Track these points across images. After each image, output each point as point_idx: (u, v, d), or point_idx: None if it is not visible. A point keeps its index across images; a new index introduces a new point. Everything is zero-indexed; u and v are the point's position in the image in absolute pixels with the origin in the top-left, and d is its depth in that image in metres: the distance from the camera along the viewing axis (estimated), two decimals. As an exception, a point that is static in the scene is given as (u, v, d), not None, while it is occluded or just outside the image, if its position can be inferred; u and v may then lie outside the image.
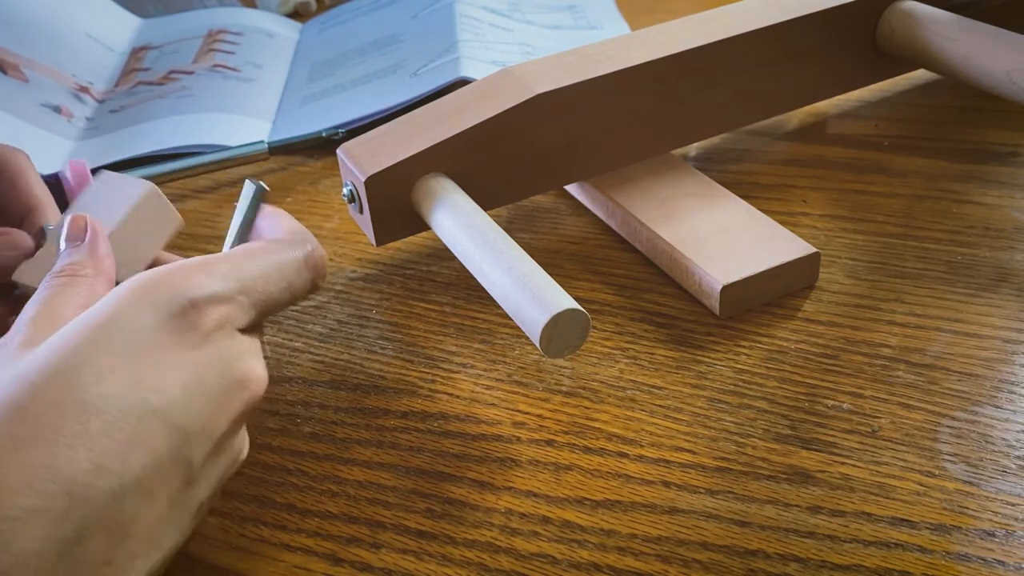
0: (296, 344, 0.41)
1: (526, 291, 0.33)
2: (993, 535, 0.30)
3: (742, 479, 0.33)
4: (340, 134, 0.56)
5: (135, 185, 0.38)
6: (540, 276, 0.34)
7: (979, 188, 0.47)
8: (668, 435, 0.35)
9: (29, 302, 0.30)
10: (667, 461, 0.34)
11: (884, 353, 0.38)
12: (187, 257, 0.32)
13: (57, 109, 0.62)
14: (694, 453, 0.34)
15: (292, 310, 0.43)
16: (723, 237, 0.42)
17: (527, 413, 0.37)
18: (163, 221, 0.38)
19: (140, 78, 0.67)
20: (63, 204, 0.50)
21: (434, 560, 0.31)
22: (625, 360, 0.39)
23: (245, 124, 0.60)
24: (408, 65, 0.63)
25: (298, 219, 0.50)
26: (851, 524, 0.31)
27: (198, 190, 0.54)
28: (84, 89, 0.66)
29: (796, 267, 0.41)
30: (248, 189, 0.36)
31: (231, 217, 0.36)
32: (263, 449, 0.36)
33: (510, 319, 0.40)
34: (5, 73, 0.62)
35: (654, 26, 0.48)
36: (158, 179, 0.53)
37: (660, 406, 0.36)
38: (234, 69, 0.66)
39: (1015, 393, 0.35)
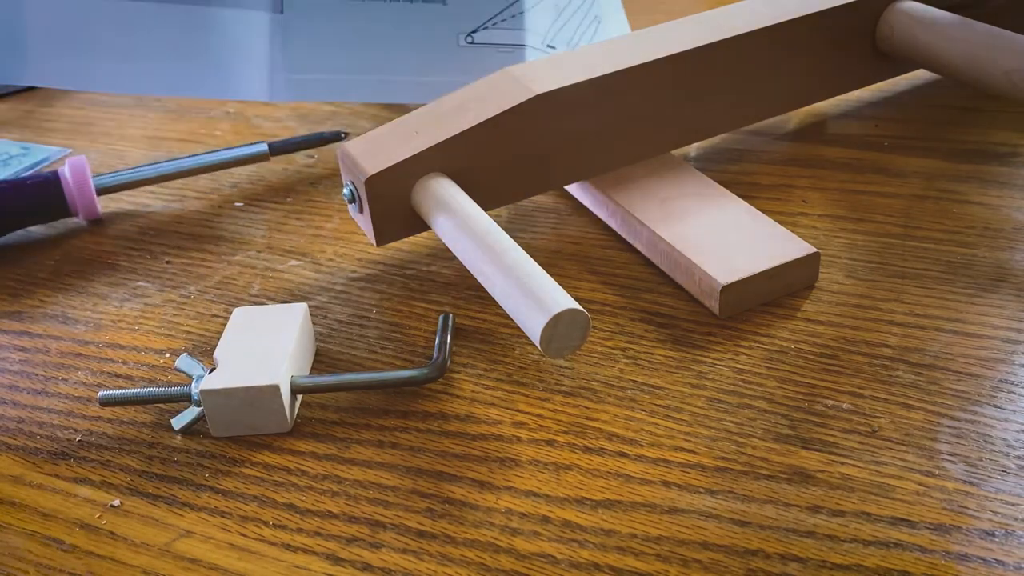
0: (296, 344, 0.42)
1: (526, 291, 0.33)
2: (993, 535, 0.30)
3: (742, 479, 0.33)
4: (343, 136, 0.56)
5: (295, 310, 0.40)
6: (540, 276, 0.34)
7: (979, 188, 0.47)
8: (668, 435, 0.35)
9: None
10: (667, 461, 0.34)
11: (884, 353, 0.38)
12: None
13: None
14: (694, 453, 0.34)
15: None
16: (723, 237, 0.42)
17: (527, 413, 0.37)
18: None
19: None
20: (62, 202, 0.50)
21: (434, 560, 0.31)
22: (625, 360, 0.39)
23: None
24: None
25: (298, 219, 0.50)
26: (851, 524, 0.31)
27: (198, 190, 0.54)
28: None
29: (796, 267, 0.41)
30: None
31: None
32: (263, 449, 0.36)
33: (510, 319, 0.40)
34: None
35: (654, 26, 0.48)
36: (158, 179, 0.53)
37: (660, 406, 0.36)
38: None
39: (1015, 393, 0.35)
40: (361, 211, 0.42)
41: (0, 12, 0.49)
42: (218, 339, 0.39)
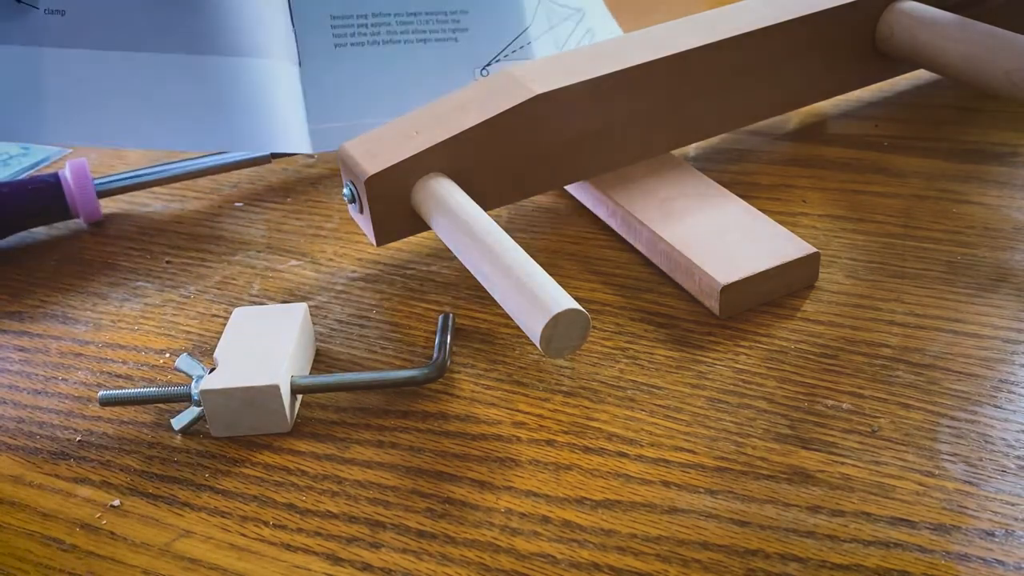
0: (296, 344, 0.42)
1: (526, 291, 0.33)
2: (993, 535, 0.30)
3: (742, 479, 0.33)
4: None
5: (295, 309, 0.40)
6: (540, 276, 0.34)
7: (979, 188, 0.47)
8: (668, 435, 0.35)
9: None
10: (667, 461, 0.34)
11: (884, 353, 0.38)
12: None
13: None
14: (694, 453, 0.34)
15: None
16: (723, 237, 0.42)
17: (527, 413, 0.37)
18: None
19: None
20: (63, 204, 0.50)
21: (434, 560, 0.31)
22: (625, 360, 0.39)
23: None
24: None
25: (298, 219, 0.50)
26: (851, 524, 0.31)
27: (198, 191, 0.54)
28: None
29: (796, 267, 0.41)
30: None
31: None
32: (263, 449, 0.36)
33: (510, 319, 0.40)
34: None
35: (654, 26, 0.48)
36: (160, 182, 0.53)
37: (660, 406, 0.36)
38: None
39: (1015, 393, 0.35)
40: (361, 211, 0.42)
41: (19, 70, 0.49)
42: (218, 339, 0.39)
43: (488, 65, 0.54)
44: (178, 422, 0.37)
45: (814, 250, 0.41)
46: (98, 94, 0.49)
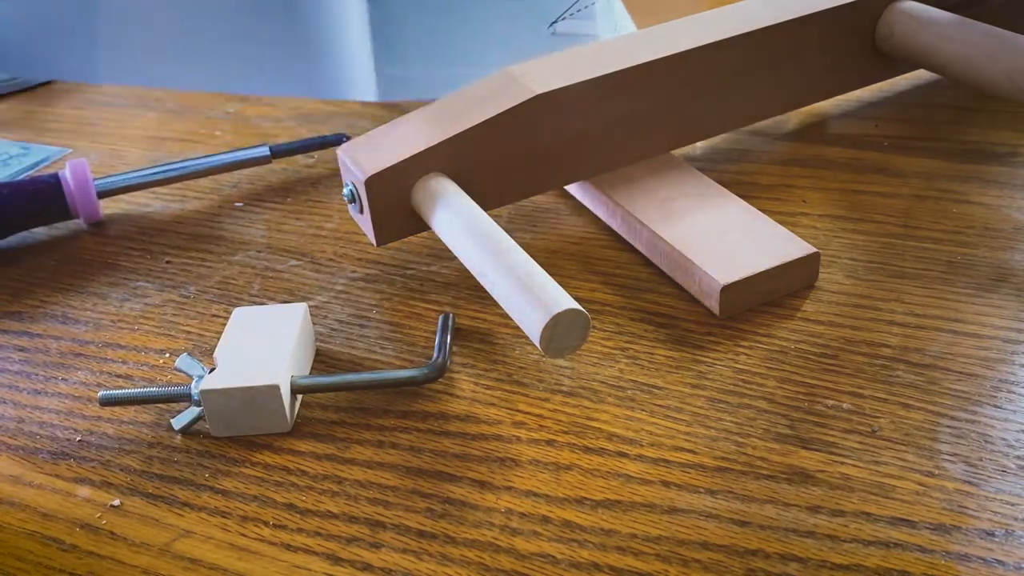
0: (296, 344, 0.42)
1: (526, 291, 0.33)
2: (993, 535, 0.30)
3: (742, 479, 0.33)
4: (345, 139, 0.56)
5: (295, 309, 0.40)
6: (540, 276, 0.34)
7: (979, 188, 0.47)
8: (668, 435, 0.35)
9: None
10: (667, 461, 0.34)
11: (884, 353, 0.38)
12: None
13: None
14: (694, 453, 0.34)
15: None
16: (723, 237, 0.42)
17: (527, 413, 0.37)
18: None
19: None
20: (63, 204, 0.50)
21: (434, 560, 0.31)
22: (625, 360, 0.39)
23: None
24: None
25: (298, 219, 0.50)
26: (851, 524, 0.31)
27: (198, 191, 0.54)
28: None
29: (796, 267, 0.41)
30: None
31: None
32: (263, 449, 0.36)
33: (510, 319, 0.40)
34: None
35: (654, 26, 0.48)
36: (160, 182, 0.53)
37: (660, 406, 0.36)
38: None
39: (1015, 393, 0.35)
40: (361, 211, 0.42)
41: (72, 7, 0.47)
42: (218, 339, 0.39)
43: (555, 22, 0.52)
44: (178, 422, 0.37)
45: (814, 250, 0.41)
46: (152, 33, 0.47)
